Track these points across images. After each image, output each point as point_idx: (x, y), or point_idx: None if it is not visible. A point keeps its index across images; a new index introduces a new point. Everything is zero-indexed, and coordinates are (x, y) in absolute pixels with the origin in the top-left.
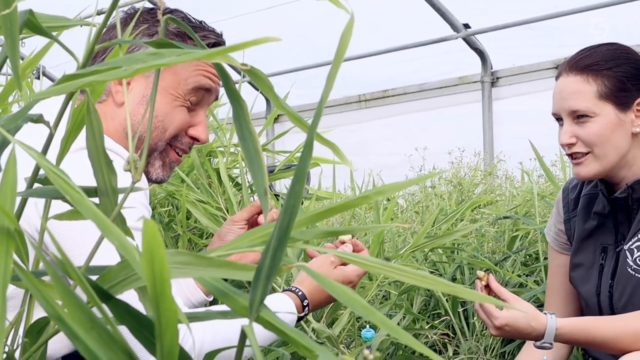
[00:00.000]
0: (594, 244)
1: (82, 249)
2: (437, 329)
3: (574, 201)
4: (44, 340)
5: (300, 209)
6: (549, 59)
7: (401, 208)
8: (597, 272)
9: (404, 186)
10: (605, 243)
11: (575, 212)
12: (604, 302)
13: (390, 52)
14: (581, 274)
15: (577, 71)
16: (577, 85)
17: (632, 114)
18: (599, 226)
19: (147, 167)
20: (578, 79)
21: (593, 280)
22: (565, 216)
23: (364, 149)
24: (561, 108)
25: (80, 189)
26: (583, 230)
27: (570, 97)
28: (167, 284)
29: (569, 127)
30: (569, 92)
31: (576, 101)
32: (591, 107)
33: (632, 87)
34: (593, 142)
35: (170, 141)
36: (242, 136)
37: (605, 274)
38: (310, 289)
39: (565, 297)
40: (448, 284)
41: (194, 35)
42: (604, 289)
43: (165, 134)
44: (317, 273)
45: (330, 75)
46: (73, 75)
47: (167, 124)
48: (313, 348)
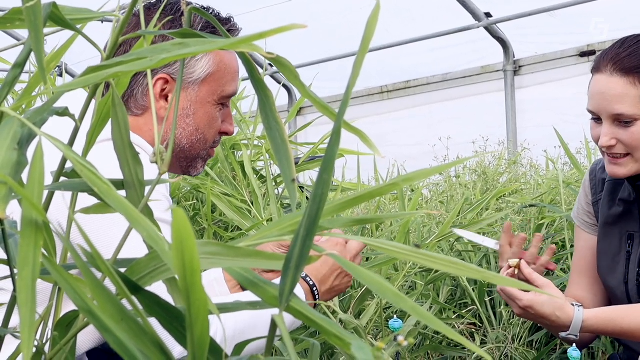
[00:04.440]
0: (619, 231)
1: (109, 242)
2: (464, 318)
3: (601, 182)
4: (73, 334)
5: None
6: (572, 46)
7: (426, 199)
8: (625, 260)
9: (431, 173)
10: (632, 230)
11: (602, 195)
12: (632, 290)
13: (411, 43)
14: (607, 262)
15: (623, 73)
16: (622, 88)
17: None
18: (625, 213)
19: (189, 170)
20: (623, 82)
21: (620, 268)
22: (593, 198)
23: (387, 140)
24: (603, 109)
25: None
26: (608, 215)
27: (614, 100)
28: (197, 274)
29: (609, 129)
30: (613, 95)
31: (621, 105)
32: (637, 111)
33: None
34: (636, 146)
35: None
36: (269, 126)
37: (633, 261)
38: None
39: (591, 278)
40: (477, 270)
41: (217, 24)
42: (632, 277)
43: (207, 144)
44: (346, 260)
45: (357, 62)
46: (98, 67)
47: (208, 134)
48: (345, 337)
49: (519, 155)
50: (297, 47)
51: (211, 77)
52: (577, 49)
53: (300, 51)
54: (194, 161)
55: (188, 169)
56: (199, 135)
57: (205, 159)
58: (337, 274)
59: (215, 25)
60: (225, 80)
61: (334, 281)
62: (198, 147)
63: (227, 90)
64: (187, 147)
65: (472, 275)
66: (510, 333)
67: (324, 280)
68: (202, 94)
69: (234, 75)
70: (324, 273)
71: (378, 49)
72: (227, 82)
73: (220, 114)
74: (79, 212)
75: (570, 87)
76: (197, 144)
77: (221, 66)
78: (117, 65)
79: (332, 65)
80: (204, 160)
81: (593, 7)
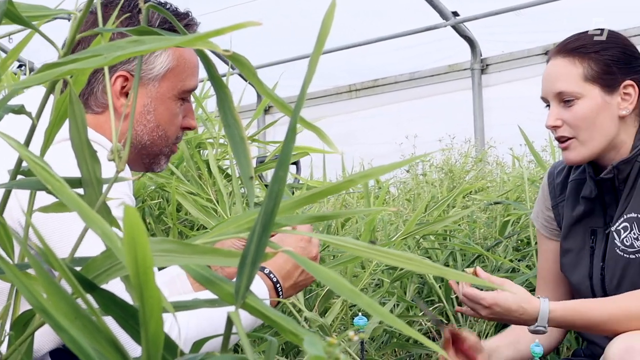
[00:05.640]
0: (583, 228)
1: (68, 240)
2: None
3: (560, 186)
4: (29, 333)
5: (291, 197)
6: (538, 45)
7: (393, 196)
8: (588, 255)
9: (389, 169)
10: (595, 226)
11: (562, 197)
12: (597, 285)
13: (380, 42)
14: (571, 259)
15: (564, 54)
16: (563, 67)
17: (619, 97)
18: (588, 210)
19: (152, 166)
20: (565, 62)
21: (584, 263)
22: (552, 202)
23: (355, 139)
24: (548, 90)
25: (64, 179)
26: (572, 216)
27: (556, 80)
28: (150, 271)
29: (555, 109)
30: (556, 74)
31: (562, 83)
32: (577, 88)
33: (617, 71)
34: (578, 125)
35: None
36: (227, 123)
37: (596, 256)
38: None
39: (555, 282)
40: (434, 266)
41: (174, 20)
42: (596, 271)
43: (169, 140)
44: (303, 258)
45: (312, 61)
46: (53, 64)
47: (169, 130)
48: (299, 332)
49: (485, 153)
50: (266, 46)
51: (171, 72)
52: (544, 47)
53: (270, 50)
54: (156, 158)
55: (151, 166)
56: (160, 132)
57: (168, 155)
58: (301, 270)
59: (172, 21)
60: (185, 74)
61: (298, 277)
62: (160, 144)
63: (187, 84)
64: (149, 144)
65: (429, 271)
66: (476, 330)
67: (288, 276)
68: (163, 90)
69: (193, 69)
70: (287, 269)
71: (346, 48)
72: (187, 76)
73: (181, 109)
74: (37, 211)
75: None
76: (159, 141)
77: (180, 61)
78: (73, 63)
79: (302, 63)
80: (167, 156)
81: (557, 6)
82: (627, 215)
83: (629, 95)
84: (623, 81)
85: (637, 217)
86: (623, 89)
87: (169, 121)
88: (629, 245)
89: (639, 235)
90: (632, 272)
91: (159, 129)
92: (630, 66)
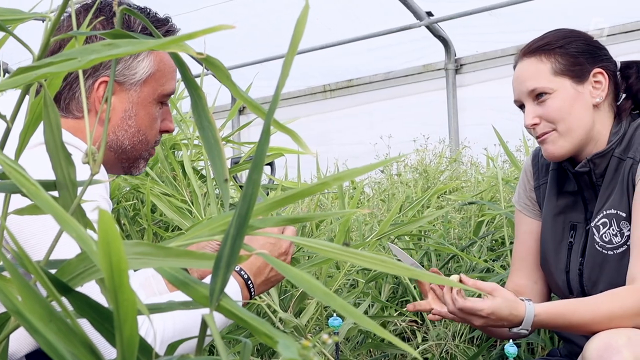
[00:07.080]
0: (563, 221)
1: (45, 243)
2: (406, 316)
3: (544, 168)
4: (4, 336)
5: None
6: (512, 44)
7: (367, 196)
8: (566, 249)
9: (362, 172)
10: (575, 221)
11: (545, 180)
12: (574, 280)
13: (354, 42)
14: (550, 251)
15: (530, 54)
16: (531, 66)
17: (589, 85)
18: (570, 204)
19: (131, 170)
20: (532, 61)
21: (562, 257)
22: (535, 183)
23: (330, 139)
24: (520, 92)
25: (39, 182)
26: (555, 206)
27: (527, 79)
28: (124, 274)
29: (531, 108)
30: (525, 74)
31: (533, 81)
32: (548, 83)
33: (585, 61)
34: (555, 118)
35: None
36: (201, 125)
37: (575, 251)
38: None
39: (533, 264)
40: (407, 268)
41: (149, 24)
42: (574, 267)
43: (149, 144)
44: (276, 260)
45: (286, 62)
46: (28, 67)
47: (150, 135)
48: (273, 334)
49: (460, 153)
50: (241, 46)
51: (152, 77)
52: (518, 47)
53: (245, 50)
54: (136, 161)
55: (130, 169)
56: (140, 137)
57: (146, 159)
58: (272, 266)
59: (147, 25)
60: (165, 79)
61: (269, 273)
62: (140, 148)
63: (166, 88)
64: (129, 149)
65: (402, 273)
66: (451, 330)
67: (259, 272)
68: (144, 95)
69: (172, 73)
70: (258, 265)
71: (320, 48)
72: (166, 80)
73: (159, 113)
74: (12, 213)
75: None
76: (139, 145)
77: (161, 66)
78: (47, 66)
79: (277, 63)
80: (146, 160)
81: (531, 6)
82: (607, 211)
83: (599, 83)
84: (592, 70)
85: (616, 213)
86: (593, 78)
87: (149, 125)
88: (608, 241)
89: (617, 231)
90: (609, 268)
91: (140, 134)
92: (597, 55)
